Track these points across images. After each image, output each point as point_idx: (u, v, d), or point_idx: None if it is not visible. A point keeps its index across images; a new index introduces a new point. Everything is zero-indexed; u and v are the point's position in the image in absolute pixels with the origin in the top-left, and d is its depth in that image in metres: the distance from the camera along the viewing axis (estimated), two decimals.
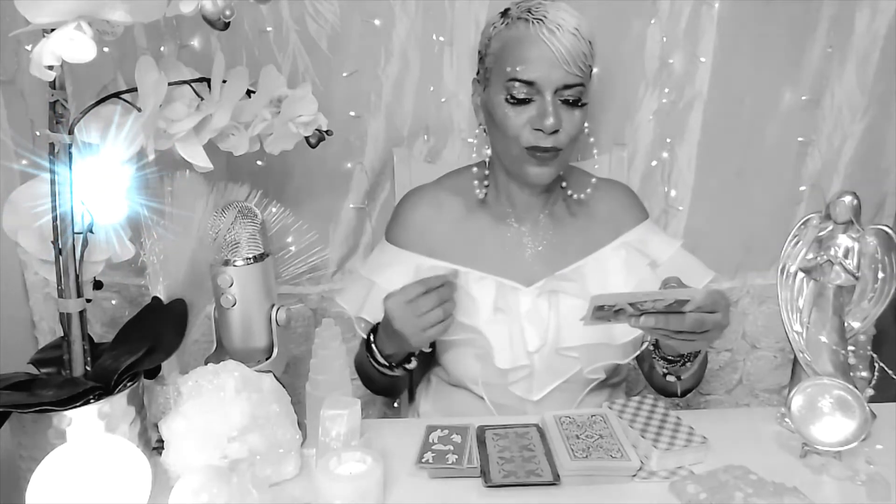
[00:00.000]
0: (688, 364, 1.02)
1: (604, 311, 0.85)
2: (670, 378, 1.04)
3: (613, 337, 1.07)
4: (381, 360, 1.07)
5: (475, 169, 1.16)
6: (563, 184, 1.13)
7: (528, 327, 1.06)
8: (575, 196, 1.11)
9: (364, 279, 1.14)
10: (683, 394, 1.08)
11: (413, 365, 1.09)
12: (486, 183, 1.13)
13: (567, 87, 0.99)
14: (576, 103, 1.01)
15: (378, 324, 1.07)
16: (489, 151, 1.10)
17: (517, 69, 0.99)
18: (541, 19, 0.98)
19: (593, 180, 1.11)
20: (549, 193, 1.13)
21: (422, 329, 0.97)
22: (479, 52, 1.08)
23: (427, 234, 1.14)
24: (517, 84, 0.99)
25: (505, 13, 1.03)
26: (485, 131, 1.10)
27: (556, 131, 0.99)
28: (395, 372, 1.08)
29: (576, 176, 1.15)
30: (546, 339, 1.06)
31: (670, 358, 1.02)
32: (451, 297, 1.00)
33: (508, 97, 1.01)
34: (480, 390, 1.09)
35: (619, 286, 1.09)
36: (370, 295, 1.11)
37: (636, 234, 1.15)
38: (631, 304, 0.84)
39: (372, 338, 1.08)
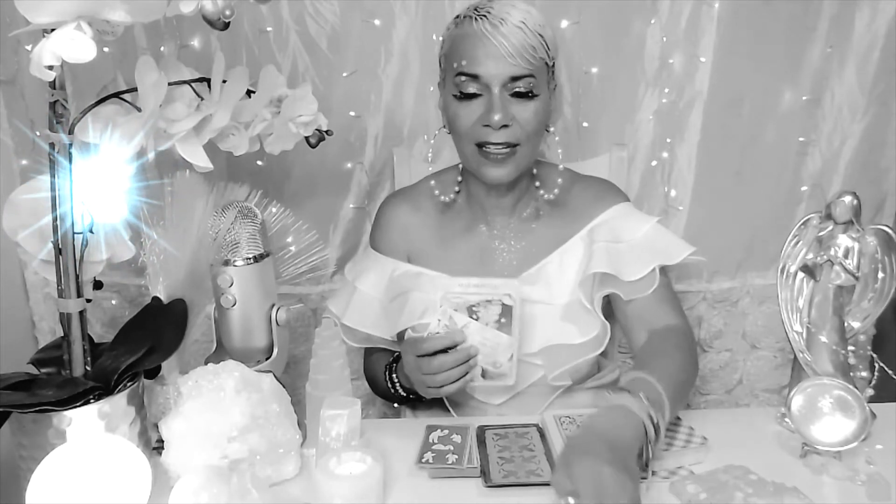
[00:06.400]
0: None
1: None
2: None
3: (572, 337, 1.04)
4: (398, 390, 1.06)
5: (450, 172, 1.14)
6: (537, 183, 1.10)
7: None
8: (547, 196, 1.08)
9: (349, 284, 1.15)
10: None
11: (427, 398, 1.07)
12: (457, 189, 1.12)
13: (515, 78, 0.97)
14: (528, 95, 0.98)
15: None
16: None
17: (462, 63, 0.98)
18: (485, 15, 0.97)
19: (560, 179, 1.07)
20: (519, 195, 1.10)
21: (425, 385, 0.96)
22: (439, 57, 1.07)
23: (405, 239, 1.14)
24: (463, 78, 0.98)
25: (458, 15, 1.03)
26: (448, 132, 1.08)
27: (506, 126, 0.98)
28: (409, 397, 1.07)
29: (551, 175, 1.09)
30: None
31: None
32: (462, 365, 0.94)
33: (456, 93, 1.00)
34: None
35: (576, 275, 1.06)
36: (352, 300, 1.12)
37: (603, 217, 1.09)
38: None
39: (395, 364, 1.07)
